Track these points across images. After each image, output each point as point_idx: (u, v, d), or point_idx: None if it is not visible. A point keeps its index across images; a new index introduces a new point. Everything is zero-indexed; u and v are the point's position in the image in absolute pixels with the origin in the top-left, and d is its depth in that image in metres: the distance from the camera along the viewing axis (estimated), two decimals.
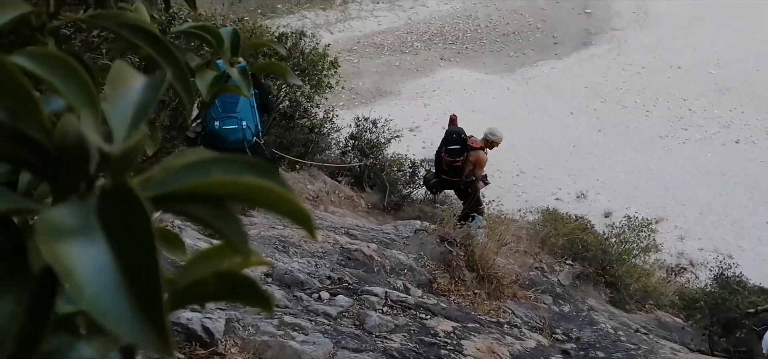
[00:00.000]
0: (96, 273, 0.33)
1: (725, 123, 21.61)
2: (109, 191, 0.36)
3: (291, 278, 5.72)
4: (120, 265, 0.33)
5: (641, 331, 8.21)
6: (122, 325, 0.32)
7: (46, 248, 0.33)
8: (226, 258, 0.46)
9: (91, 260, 0.33)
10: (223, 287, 0.44)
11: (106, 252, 0.34)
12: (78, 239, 0.34)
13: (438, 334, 5.29)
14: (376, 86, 24.00)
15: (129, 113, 0.42)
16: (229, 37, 1.08)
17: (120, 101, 0.42)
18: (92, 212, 0.35)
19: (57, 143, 0.38)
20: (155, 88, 0.44)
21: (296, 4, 28.79)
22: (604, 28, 27.64)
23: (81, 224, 0.34)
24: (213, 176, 0.39)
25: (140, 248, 0.34)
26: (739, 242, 16.31)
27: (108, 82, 0.43)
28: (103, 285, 0.33)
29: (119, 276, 0.33)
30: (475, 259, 7.73)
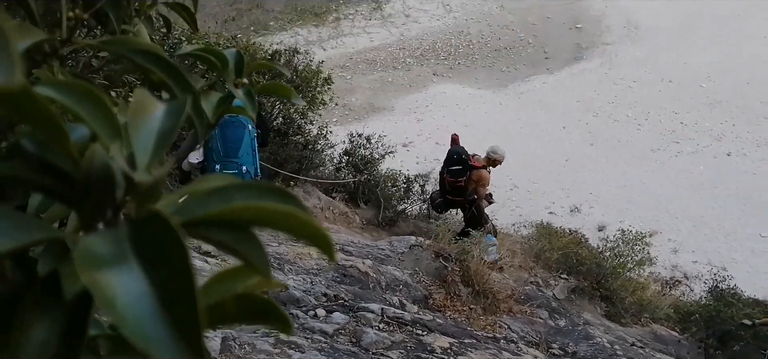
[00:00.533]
0: (135, 301, 0.34)
1: (717, 136, 21.74)
2: (140, 220, 0.37)
3: (287, 295, 5.71)
4: (157, 293, 0.34)
5: (637, 345, 8.21)
6: (163, 350, 0.33)
7: (87, 277, 0.34)
8: (241, 280, 0.47)
9: (129, 289, 0.34)
10: (244, 309, 0.44)
11: (142, 280, 0.34)
12: (114, 268, 0.35)
13: (435, 350, 5.29)
14: (369, 102, 24.06)
15: (151, 141, 0.43)
16: (234, 59, 1.09)
17: (142, 130, 0.43)
18: (125, 241, 0.36)
19: (84, 172, 0.39)
20: (176, 116, 0.45)
21: (289, 21, 28.90)
22: (595, 42, 27.83)
23: (116, 253, 0.35)
24: (235, 202, 0.40)
25: (177, 275, 0.35)
26: (733, 255, 16.36)
27: (130, 111, 0.44)
28: (142, 313, 0.34)
29: (156, 304, 0.34)
30: (470, 274, 7.74)
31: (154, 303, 0.34)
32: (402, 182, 12.47)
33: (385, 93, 24.79)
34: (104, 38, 0.70)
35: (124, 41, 0.67)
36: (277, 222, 0.42)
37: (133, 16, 1.43)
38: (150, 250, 0.36)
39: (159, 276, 0.35)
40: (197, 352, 0.34)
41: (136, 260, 0.35)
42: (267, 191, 0.42)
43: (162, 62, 0.65)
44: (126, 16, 1.36)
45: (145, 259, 0.35)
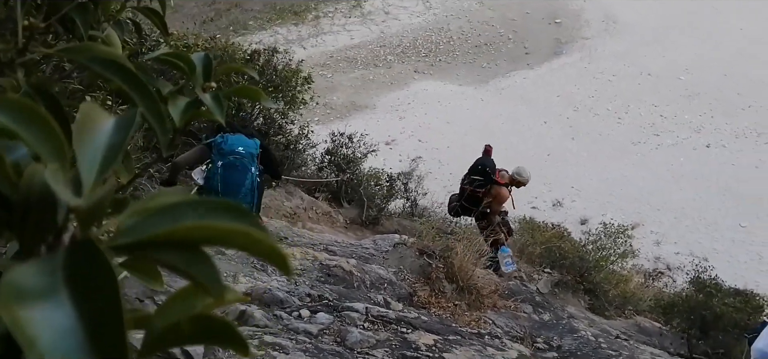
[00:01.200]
0: (60, 338, 0.32)
1: (696, 128, 21.96)
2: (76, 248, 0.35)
3: (270, 297, 5.68)
4: (85, 328, 0.32)
5: (621, 337, 8.27)
6: None
7: (7, 314, 0.32)
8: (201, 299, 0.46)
9: (55, 324, 0.32)
10: (199, 330, 0.43)
11: (70, 315, 0.33)
12: (42, 302, 0.33)
13: (420, 348, 5.28)
14: (351, 101, 24.02)
15: (98, 157, 0.41)
16: (202, 63, 1.07)
17: (89, 145, 0.41)
18: (58, 271, 0.34)
19: (23, 194, 0.37)
20: (125, 130, 0.43)
21: (268, 20, 28.76)
22: (574, 37, 27.98)
23: (46, 285, 0.33)
24: (186, 220, 0.39)
25: (104, 308, 0.33)
26: (714, 245, 16.55)
27: (75, 126, 0.42)
28: (68, 348, 0.32)
29: (84, 340, 0.32)
30: (454, 270, 7.74)
31: (83, 340, 0.32)
32: (385, 180, 12.45)
33: (366, 91, 24.76)
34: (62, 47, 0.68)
35: (83, 49, 0.65)
36: (229, 240, 0.40)
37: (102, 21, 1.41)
38: (82, 279, 0.34)
39: (88, 308, 0.33)
40: None
41: (66, 293, 0.34)
42: (220, 209, 0.40)
43: (121, 70, 0.63)
44: (94, 22, 1.33)
45: (76, 291, 0.33)
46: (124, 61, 0.68)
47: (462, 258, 7.90)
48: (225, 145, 6.68)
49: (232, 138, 6.74)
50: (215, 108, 1.01)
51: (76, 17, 1.25)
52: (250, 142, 6.81)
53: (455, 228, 10.18)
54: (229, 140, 6.73)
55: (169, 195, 0.40)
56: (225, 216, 0.39)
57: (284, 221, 9.69)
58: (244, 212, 0.40)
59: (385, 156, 16.71)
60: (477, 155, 10.13)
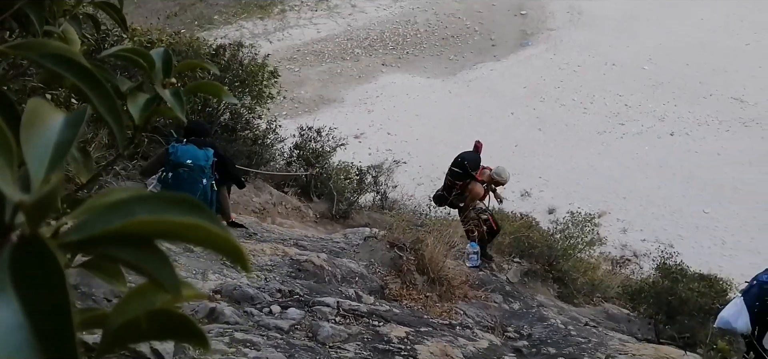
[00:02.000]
0: (8, 334, 0.31)
1: (660, 117, 22.33)
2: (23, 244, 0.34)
3: (240, 293, 5.64)
4: (32, 324, 0.32)
5: (590, 324, 8.38)
6: None
7: None
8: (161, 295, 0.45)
9: (2, 321, 0.31)
10: (157, 326, 0.42)
11: (17, 312, 0.32)
12: None
13: (392, 340, 5.30)
14: (319, 94, 23.93)
15: (47, 154, 0.40)
16: (161, 59, 1.05)
17: (37, 142, 0.40)
18: (4, 268, 0.33)
19: None
20: (75, 126, 0.43)
21: (233, 14, 28.48)
22: (539, 28, 28.22)
23: None
24: (138, 215, 0.38)
25: (52, 306, 0.32)
26: (679, 232, 16.86)
27: (23, 123, 0.41)
28: (15, 346, 0.31)
29: (31, 337, 0.32)
30: (425, 262, 7.77)
31: (29, 336, 0.32)
32: (355, 174, 12.44)
33: (334, 85, 24.69)
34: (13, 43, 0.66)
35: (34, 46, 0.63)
36: (183, 234, 0.40)
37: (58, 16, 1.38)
38: (28, 277, 0.33)
39: (35, 306, 0.32)
40: None
41: (12, 290, 0.33)
42: (173, 203, 0.39)
43: (75, 67, 0.62)
44: (49, 17, 1.30)
45: (22, 288, 0.33)
46: (78, 57, 0.67)
47: (432, 250, 7.93)
48: (174, 156, 6.61)
49: (181, 149, 6.66)
50: (175, 105, 1.00)
51: (31, 13, 1.22)
52: (200, 153, 6.72)
53: (426, 221, 10.21)
54: (178, 151, 6.65)
55: (122, 191, 0.40)
56: (178, 211, 0.39)
57: (253, 217, 9.63)
58: (198, 206, 0.40)
59: (355, 150, 16.69)
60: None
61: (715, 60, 24.97)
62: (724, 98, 23.02)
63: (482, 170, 9.50)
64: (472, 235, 9.44)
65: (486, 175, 9.48)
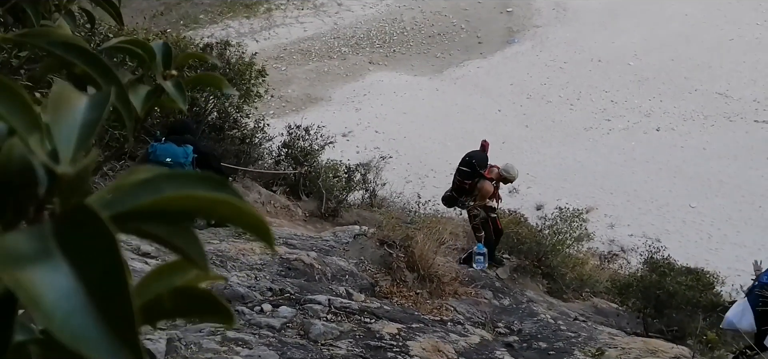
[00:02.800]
0: (63, 299, 0.32)
1: (646, 112, 22.48)
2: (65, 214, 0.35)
3: (231, 292, 5.62)
4: (87, 289, 0.32)
5: (580, 319, 8.43)
6: (96, 349, 0.31)
7: (9, 277, 0.31)
8: (179, 275, 0.45)
9: (56, 286, 0.32)
10: (181, 303, 0.43)
11: (70, 276, 0.32)
12: (39, 265, 0.32)
13: (383, 337, 5.31)
14: (306, 93, 23.90)
15: (74, 134, 0.41)
16: (161, 51, 1.05)
17: (64, 123, 0.41)
18: (49, 237, 0.34)
19: (2, 168, 0.37)
20: (100, 107, 0.43)
21: (219, 13, 28.37)
22: (525, 25, 28.33)
23: (39, 250, 0.33)
24: (166, 192, 0.39)
25: (107, 269, 0.33)
26: (665, 226, 16.99)
27: (50, 104, 0.41)
28: (71, 311, 0.31)
29: (87, 300, 0.32)
30: (415, 260, 7.78)
31: (85, 299, 0.32)
32: (343, 172, 12.42)
33: (321, 83, 24.66)
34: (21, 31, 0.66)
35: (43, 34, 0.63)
36: (211, 210, 0.40)
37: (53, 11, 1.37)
38: (77, 245, 0.33)
39: (88, 271, 0.33)
40: (134, 350, 0.32)
41: (62, 256, 0.33)
42: (199, 180, 0.40)
43: (85, 54, 0.62)
44: (45, 12, 1.30)
45: (71, 254, 0.33)
46: (86, 45, 0.67)
47: (422, 247, 7.95)
48: (153, 156, 6.59)
49: (160, 148, 6.65)
50: (177, 96, 1.00)
51: (27, 7, 1.22)
52: (178, 151, 6.70)
53: (415, 218, 10.23)
54: (157, 150, 6.63)
55: (147, 170, 0.40)
56: (204, 187, 0.39)
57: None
58: (222, 183, 0.40)
59: (343, 148, 16.69)
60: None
61: (699, 55, 25.18)
62: (709, 92, 23.21)
63: (490, 168, 9.51)
64: (479, 236, 9.46)
65: (495, 173, 9.49)
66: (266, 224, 0.40)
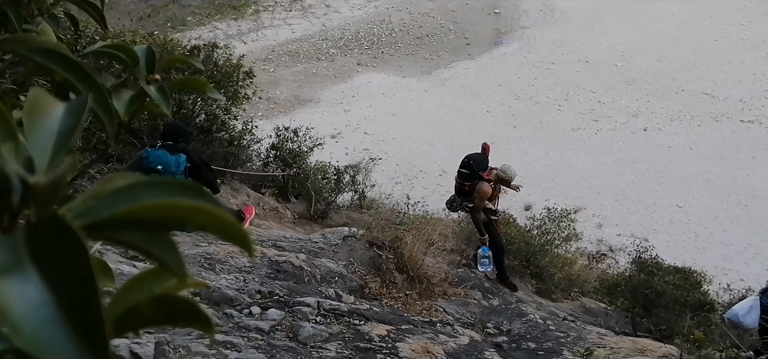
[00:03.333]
0: (32, 310, 0.31)
1: (633, 112, 22.60)
2: (37, 224, 0.34)
3: (220, 295, 5.61)
4: (57, 300, 0.32)
5: (569, 319, 8.47)
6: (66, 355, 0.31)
7: None
8: (160, 282, 0.45)
9: (25, 297, 0.31)
10: (161, 312, 0.42)
11: (39, 287, 0.32)
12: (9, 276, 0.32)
13: (373, 339, 5.30)
14: (295, 95, 23.85)
15: (50, 141, 0.40)
16: (145, 55, 1.05)
17: (40, 130, 0.40)
18: (20, 247, 0.33)
19: None
20: (77, 115, 0.43)
21: (206, 15, 28.26)
22: (513, 27, 28.41)
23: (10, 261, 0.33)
24: (143, 200, 0.38)
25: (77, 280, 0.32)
26: (653, 226, 17.08)
27: (25, 111, 0.41)
28: (41, 322, 0.31)
29: (57, 311, 0.32)
30: (404, 261, 7.79)
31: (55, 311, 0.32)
32: (332, 173, 12.41)
33: (310, 85, 24.62)
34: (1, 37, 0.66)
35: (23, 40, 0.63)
36: (188, 219, 0.40)
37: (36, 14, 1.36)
38: (48, 255, 0.33)
39: (59, 282, 0.32)
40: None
41: (33, 267, 0.33)
42: (176, 188, 0.40)
43: (64, 60, 0.62)
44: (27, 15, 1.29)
45: (42, 265, 0.33)
46: (67, 51, 0.67)
47: (412, 248, 7.96)
48: (146, 162, 6.55)
49: (153, 155, 6.60)
50: (161, 100, 1.00)
51: (9, 11, 1.21)
52: (171, 159, 6.66)
53: (404, 219, 10.24)
54: (150, 157, 6.59)
55: (124, 178, 0.40)
56: (183, 195, 0.39)
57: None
58: (201, 191, 0.40)
59: (332, 150, 16.67)
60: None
61: (686, 56, 25.35)
62: (695, 93, 23.37)
63: (489, 170, 9.49)
64: (483, 239, 9.43)
65: (493, 174, 9.47)
66: (243, 231, 0.40)
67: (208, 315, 0.40)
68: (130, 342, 4.30)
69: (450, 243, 10.29)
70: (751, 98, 22.80)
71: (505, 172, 9.45)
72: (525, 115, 22.59)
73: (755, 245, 16.14)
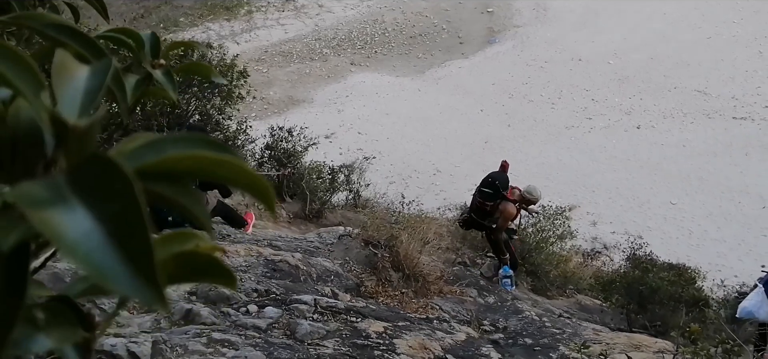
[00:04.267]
0: (81, 237, 0.32)
1: (626, 110, 22.67)
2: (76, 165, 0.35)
3: (216, 294, 5.60)
4: (104, 228, 0.33)
5: (564, 316, 8.49)
6: (116, 279, 0.32)
7: (33, 215, 0.32)
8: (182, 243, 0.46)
9: (73, 226, 0.32)
10: (185, 268, 0.43)
11: (86, 218, 0.33)
12: (53, 208, 0.33)
13: (370, 336, 5.31)
14: (288, 95, 23.84)
15: (77, 99, 0.41)
16: (149, 41, 1.05)
17: (67, 89, 0.41)
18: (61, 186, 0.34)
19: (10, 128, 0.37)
20: (102, 75, 0.43)
21: (199, 16, 28.21)
22: (506, 25, 28.46)
23: (53, 196, 0.33)
24: (170, 153, 0.39)
25: (123, 210, 0.33)
26: (647, 223, 17.13)
27: (53, 71, 0.42)
28: (91, 247, 0.32)
29: (105, 238, 0.32)
30: (400, 259, 7.80)
31: (103, 238, 0.33)
32: (327, 173, 12.41)
33: (303, 85, 24.61)
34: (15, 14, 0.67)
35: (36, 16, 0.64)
36: (214, 171, 0.41)
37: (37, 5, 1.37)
38: (91, 189, 0.34)
39: (105, 212, 0.33)
40: (152, 280, 0.33)
41: (77, 200, 0.34)
42: (201, 142, 0.41)
43: (78, 35, 0.63)
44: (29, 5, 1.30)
45: (86, 198, 0.34)
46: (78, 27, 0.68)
47: (407, 247, 7.97)
48: None
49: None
50: (167, 84, 1.00)
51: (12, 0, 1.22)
52: None
53: (399, 218, 10.24)
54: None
55: (148, 134, 0.41)
56: (209, 149, 0.40)
57: None
58: (226, 147, 0.41)
59: (326, 149, 16.65)
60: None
61: (678, 53, 25.44)
62: (688, 90, 23.46)
63: (511, 189, 9.34)
64: (504, 258, 9.33)
65: (516, 194, 9.33)
66: (267, 187, 0.41)
67: (230, 269, 0.41)
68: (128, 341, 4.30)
69: (445, 242, 10.30)
70: (744, 95, 22.90)
71: (531, 193, 9.29)
72: (519, 113, 22.64)
73: (749, 241, 16.22)
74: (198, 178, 0.42)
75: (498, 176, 9.29)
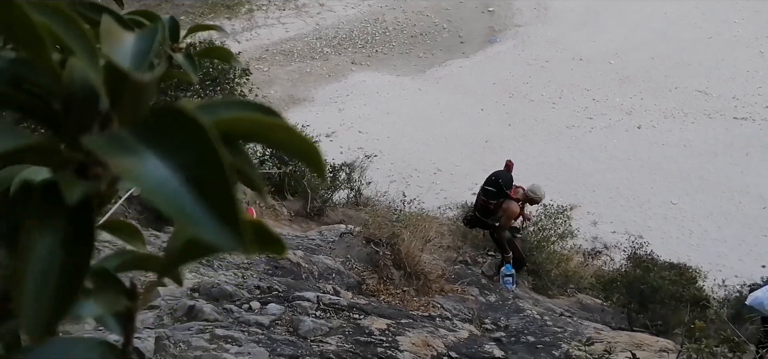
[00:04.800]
0: (156, 185, 0.32)
1: (627, 110, 22.67)
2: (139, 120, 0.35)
3: (218, 291, 5.61)
4: (180, 175, 0.32)
5: (565, 315, 8.49)
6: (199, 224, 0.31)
7: (113, 161, 0.31)
8: None
9: (150, 171, 0.32)
10: None
11: (159, 166, 0.32)
12: (130, 155, 0.32)
13: (373, 332, 5.31)
14: (289, 94, 23.84)
15: (127, 59, 0.41)
16: (169, 24, 1.05)
17: (117, 50, 0.41)
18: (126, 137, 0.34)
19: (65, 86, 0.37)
20: (150, 39, 0.43)
21: (200, 15, 28.19)
22: (507, 25, 28.45)
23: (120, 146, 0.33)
24: (223, 115, 0.39)
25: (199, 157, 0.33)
26: (647, 223, 17.12)
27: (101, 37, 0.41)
28: (167, 195, 0.32)
29: (183, 185, 0.32)
30: (401, 257, 7.80)
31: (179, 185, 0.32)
32: (328, 171, 12.41)
33: (304, 84, 24.61)
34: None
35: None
36: (267, 134, 0.40)
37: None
38: (162, 138, 0.33)
39: (179, 160, 0.33)
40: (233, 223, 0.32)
41: (147, 150, 0.33)
42: (253, 106, 0.40)
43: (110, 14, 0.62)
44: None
45: (157, 148, 0.33)
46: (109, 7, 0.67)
47: (408, 245, 7.97)
48: None
49: None
50: (188, 67, 1.00)
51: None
52: None
53: (400, 216, 10.25)
54: None
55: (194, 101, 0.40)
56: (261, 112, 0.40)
57: None
58: (275, 111, 0.41)
59: (326, 148, 16.64)
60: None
61: (679, 53, 25.44)
62: (689, 90, 23.45)
63: (515, 188, 9.36)
64: (507, 257, 9.34)
65: (520, 193, 9.35)
66: (317, 150, 0.41)
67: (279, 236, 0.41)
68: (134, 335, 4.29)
69: (446, 240, 10.31)
70: (744, 95, 22.90)
71: (534, 192, 9.32)
72: (519, 113, 22.64)
73: (749, 241, 16.22)
74: (251, 141, 0.41)
75: (502, 175, 9.34)
